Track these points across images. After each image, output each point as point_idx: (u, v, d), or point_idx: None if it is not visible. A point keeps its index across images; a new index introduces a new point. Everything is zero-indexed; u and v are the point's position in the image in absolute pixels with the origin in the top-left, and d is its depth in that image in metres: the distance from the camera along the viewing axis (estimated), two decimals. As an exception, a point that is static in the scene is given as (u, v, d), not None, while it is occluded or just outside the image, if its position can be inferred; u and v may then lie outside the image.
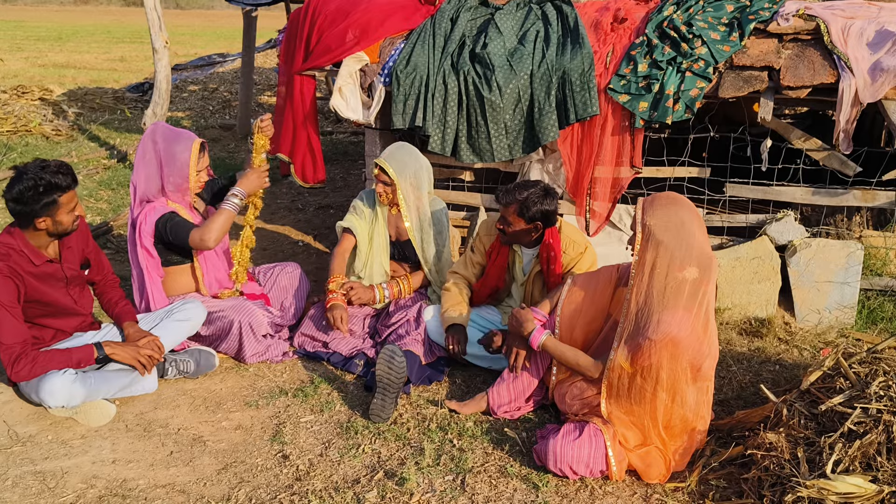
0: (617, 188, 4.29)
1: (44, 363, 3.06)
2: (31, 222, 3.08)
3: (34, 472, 2.80)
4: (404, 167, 3.77)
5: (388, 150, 3.85)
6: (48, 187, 3.02)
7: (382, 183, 3.78)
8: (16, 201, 3.03)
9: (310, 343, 3.81)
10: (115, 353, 3.19)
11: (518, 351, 3.17)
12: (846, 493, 2.35)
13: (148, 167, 3.58)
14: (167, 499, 2.67)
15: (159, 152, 3.56)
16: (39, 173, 3.01)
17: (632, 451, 2.79)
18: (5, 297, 3.01)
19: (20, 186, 3.01)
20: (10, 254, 3.07)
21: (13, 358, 3.01)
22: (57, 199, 3.05)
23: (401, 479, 2.77)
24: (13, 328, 3.03)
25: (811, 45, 3.99)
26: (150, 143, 3.60)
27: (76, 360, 3.12)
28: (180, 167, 3.57)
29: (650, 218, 2.72)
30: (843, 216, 4.30)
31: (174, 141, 3.59)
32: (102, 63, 16.89)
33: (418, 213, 3.84)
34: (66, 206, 3.10)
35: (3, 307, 3.01)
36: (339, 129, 9.68)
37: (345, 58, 4.47)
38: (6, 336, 3.01)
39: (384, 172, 3.75)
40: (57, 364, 3.08)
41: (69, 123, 8.88)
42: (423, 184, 3.83)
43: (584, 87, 4.10)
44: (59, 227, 3.13)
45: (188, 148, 3.58)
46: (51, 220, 3.09)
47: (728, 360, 3.74)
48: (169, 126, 3.70)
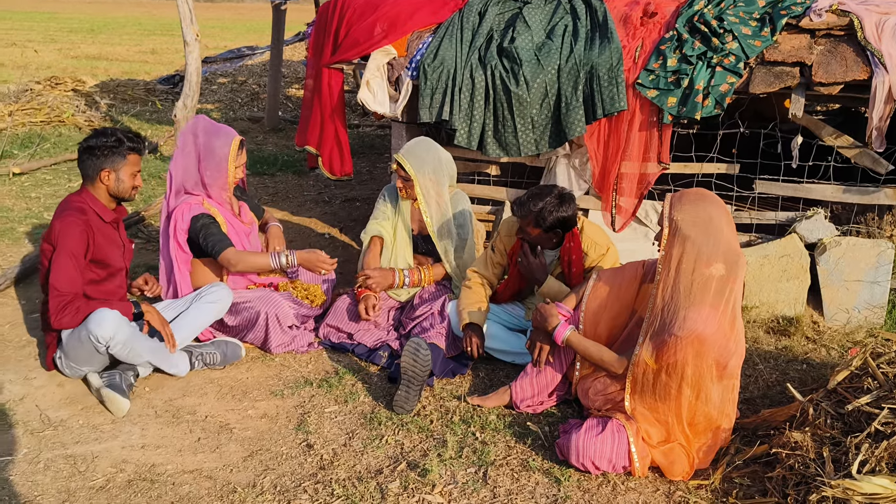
0: (644, 184, 4.26)
1: (86, 310, 3.16)
2: (96, 174, 3.29)
3: (65, 455, 2.87)
4: (423, 163, 3.78)
5: (407, 146, 3.86)
6: (120, 142, 3.29)
7: (401, 178, 3.80)
8: (89, 150, 3.28)
9: (335, 334, 3.84)
10: (149, 311, 3.30)
11: (542, 346, 3.17)
12: (871, 493, 2.32)
13: (186, 159, 3.65)
14: (194, 484, 2.72)
15: (199, 146, 3.64)
16: (115, 131, 3.33)
17: (655, 448, 2.79)
18: (74, 248, 3.18)
19: (95, 139, 3.29)
20: (85, 209, 3.28)
21: (61, 305, 3.13)
22: (126, 155, 3.31)
23: (423, 471, 2.79)
24: (70, 277, 3.17)
25: (844, 40, 3.93)
26: (190, 136, 3.68)
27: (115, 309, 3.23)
28: (218, 162, 3.63)
29: (678, 213, 2.71)
30: (874, 215, 4.24)
31: (214, 135, 3.66)
32: (134, 55, 17.11)
33: (438, 208, 3.84)
34: (131, 168, 3.34)
35: (70, 256, 3.17)
36: (365, 122, 9.72)
37: (373, 51, 4.49)
38: (62, 283, 3.15)
39: (402, 168, 3.77)
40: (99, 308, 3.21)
41: (101, 114, 9.02)
42: (442, 179, 3.83)
43: (612, 81, 4.08)
44: (121, 185, 3.34)
45: (227, 143, 3.65)
46: (115, 174, 3.31)
47: (755, 358, 3.71)
48: (211, 121, 3.78)
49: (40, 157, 7.05)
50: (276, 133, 8.85)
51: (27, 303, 4.12)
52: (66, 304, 3.13)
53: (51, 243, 3.21)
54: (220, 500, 2.64)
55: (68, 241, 3.17)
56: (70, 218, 3.21)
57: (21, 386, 3.32)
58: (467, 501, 2.66)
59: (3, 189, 6.01)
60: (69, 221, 3.20)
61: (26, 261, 4.46)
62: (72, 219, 3.20)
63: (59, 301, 3.13)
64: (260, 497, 2.65)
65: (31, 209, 5.59)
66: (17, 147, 7.27)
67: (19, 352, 3.60)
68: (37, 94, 8.97)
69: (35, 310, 4.00)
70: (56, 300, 3.13)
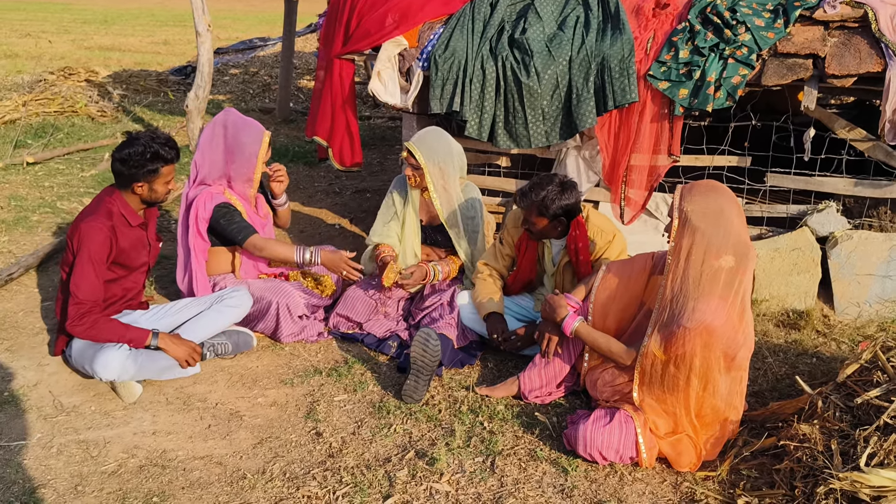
0: (654, 176, 4.25)
1: (101, 330, 3.18)
2: (129, 185, 3.28)
3: (78, 440, 2.90)
4: (433, 152, 3.78)
5: (418, 134, 3.87)
6: (154, 156, 3.24)
7: (411, 166, 3.81)
8: (123, 162, 3.24)
9: (344, 324, 3.86)
10: (166, 348, 3.24)
11: (550, 336, 3.18)
12: (880, 486, 2.32)
13: (214, 153, 3.67)
14: (205, 470, 2.75)
15: (228, 139, 3.66)
16: (150, 142, 3.24)
17: (662, 439, 2.79)
18: (98, 254, 3.19)
19: (130, 149, 3.22)
20: (113, 213, 3.28)
21: (80, 314, 3.15)
22: (159, 169, 3.28)
23: (431, 459, 2.81)
24: (92, 286, 3.19)
25: (858, 32, 3.90)
26: (220, 129, 3.69)
27: (129, 338, 3.21)
28: (248, 157, 3.66)
29: (688, 204, 2.71)
30: (887, 208, 4.21)
31: (244, 130, 3.68)
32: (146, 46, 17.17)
33: (448, 196, 3.85)
34: (165, 178, 3.32)
35: (92, 263, 3.18)
36: (376, 113, 9.73)
37: (384, 42, 4.49)
38: (83, 291, 3.16)
39: (412, 156, 3.78)
40: (112, 336, 3.19)
41: (114, 105, 9.06)
42: (452, 169, 3.83)
43: (623, 73, 4.07)
44: (154, 195, 3.34)
45: (258, 140, 3.67)
46: (148, 186, 3.30)
47: (764, 351, 3.71)
48: (240, 114, 3.79)
49: (53, 146, 7.10)
50: (288, 124, 8.87)
51: (41, 291, 4.16)
52: (83, 313, 3.15)
53: (76, 240, 3.21)
54: (230, 486, 2.66)
55: (92, 246, 3.18)
56: (96, 223, 3.20)
57: (34, 372, 3.35)
58: (475, 490, 2.67)
59: (17, 178, 6.06)
60: (94, 226, 3.19)
61: (40, 249, 4.50)
62: (97, 224, 3.20)
63: (77, 309, 3.15)
64: (269, 483, 2.68)
65: (45, 198, 5.63)
66: (31, 137, 7.33)
67: (33, 339, 3.64)
68: (50, 85, 9.02)
69: (49, 297, 4.04)
70: (75, 307, 3.15)
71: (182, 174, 6.41)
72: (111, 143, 7.33)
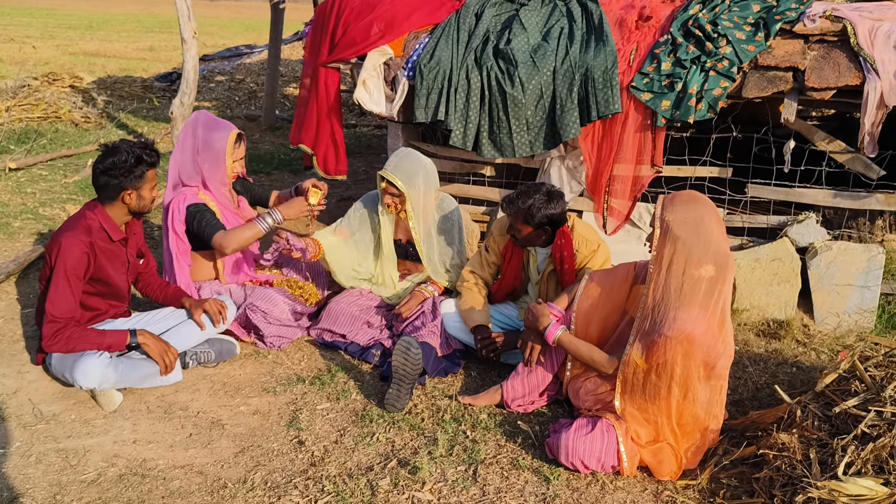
0: (637, 186, 4.29)
1: (77, 342, 3.15)
2: (117, 195, 3.24)
3: (57, 449, 2.88)
4: (413, 177, 3.72)
5: (393, 162, 3.75)
6: (138, 161, 3.21)
7: (390, 195, 3.74)
8: (107, 172, 3.19)
9: (328, 333, 3.85)
10: (146, 343, 3.24)
11: (533, 345, 3.19)
12: (857, 495, 2.34)
13: (184, 154, 3.68)
14: (185, 479, 2.74)
15: (197, 139, 3.66)
16: (131, 148, 3.22)
17: (644, 448, 2.81)
18: (73, 271, 3.15)
19: (113, 158, 3.18)
20: (92, 229, 3.23)
21: (54, 331, 3.12)
22: (145, 173, 3.25)
23: (414, 468, 2.81)
24: (66, 302, 3.15)
25: (837, 46, 3.96)
26: (190, 129, 3.70)
27: (108, 343, 3.19)
28: (215, 155, 3.65)
29: (669, 214, 2.73)
30: (866, 219, 4.27)
31: (213, 129, 3.69)
32: (132, 52, 17.09)
33: (426, 218, 3.82)
34: (150, 182, 3.30)
35: (68, 280, 3.14)
36: (362, 121, 9.74)
37: (370, 51, 4.51)
38: (57, 308, 3.13)
39: (392, 185, 3.70)
40: (89, 345, 3.16)
41: (98, 111, 9.02)
42: (430, 189, 3.81)
43: (606, 84, 4.10)
44: (142, 202, 3.31)
45: (224, 137, 3.66)
46: (136, 194, 3.26)
47: (744, 360, 3.74)
48: (211, 115, 3.79)
49: (36, 152, 7.05)
50: (273, 132, 8.86)
51: (22, 298, 4.12)
52: (58, 330, 3.11)
53: (54, 254, 3.16)
54: (210, 496, 2.65)
55: (69, 261, 3.13)
56: (73, 238, 3.15)
57: (14, 380, 3.32)
58: (457, 499, 2.67)
59: (-1, 184, 6.02)
60: (72, 242, 3.14)
61: (21, 256, 4.46)
62: (75, 240, 3.15)
63: (52, 327, 3.11)
64: (250, 493, 2.67)
65: (27, 204, 5.59)
66: (14, 142, 7.27)
67: (13, 346, 3.61)
68: (34, 90, 8.96)
69: (29, 304, 4.01)
70: (49, 325, 3.12)
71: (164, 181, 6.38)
72: (95, 149, 7.30)
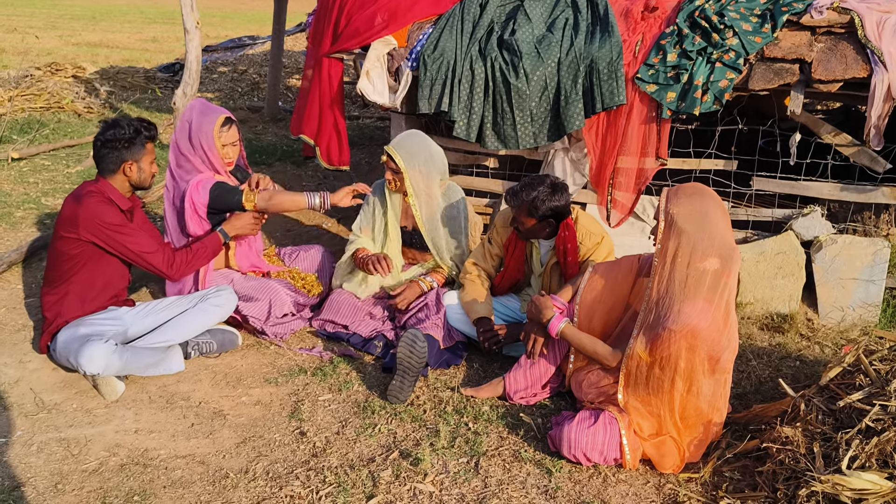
0: (641, 179, 4.26)
1: (195, 258, 3.43)
2: (118, 167, 3.32)
3: (59, 438, 2.87)
4: (413, 156, 3.73)
5: (398, 138, 3.83)
6: (137, 132, 3.30)
7: (391, 170, 3.76)
8: (108, 144, 3.28)
9: (330, 324, 3.84)
10: (237, 229, 3.62)
11: (536, 338, 3.17)
12: (861, 489, 2.33)
13: (181, 137, 3.70)
14: (187, 469, 2.73)
15: (192, 123, 3.68)
16: (130, 121, 3.32)
17: (646, 441, 2.80)
18: (120, 219, 3.27)
19: (113, 131, 3.28)
20: (104, 195, 3.30)
21: (167, 259, 3.34)
22: (145, 145, 3.34)
23: (415, 460, 2.80)
24: (144, 236, 3.32)
25: (844, 38, 3.93)
26: (187, 115, 3.72)
27: (212, 249, 3.54)
28: (206, 138, 3.66)
29: (674, 207, 2.72)
30: (871, 213, 4.24)
31: (204, 114, 3.71)
32: (135, 43, 17.05)
33: (428, 201, 3.81)
34: (150, 155, 3.39)
35: (125, 225, 3.27)
36: (365, 113, 9.70)
37: (373, 41, 4.48)
38: (145, 245, 3.31)
39: (392, 160, 3.73)
40: (205, 258, 3.51)
41: (101, 102, 9.00)
42: (432, 173, 3.79)
43: (611, 75, 4.08)
44: (142, 174, 3.38)
45: (212, 121, 3.67)
46: (137, 165, 3.34)
47: (748, 354, 3.72)
48: (206, 102, 3.81)
49: (39, 142, 7.04)
50: (276, 123, 8.83)
51: (24, 287, 4.12)
52: (168, 256, 3.35)
53: (87, 229, 3.20)
54: (212, 486, 2.65)
55: (110, 216, 3.24)
56: (94, 199, 3.23)
57: (16, 369, 3.32)
58: (459, 490, 2.67)
59: (2, 174, 6.00)
60: (95, 202, 3.22)
61: (23, 246, 4.46)
62: (96, 199, 3.23)
63: (160, 258, 3.33)
64: (252, 483, 2.66)
65: (29, 194, 5.58)
66: (17, 132, 7.26)
67: (15, 335, 3.61)
68: (37, 80, 8.94)
69: (32, 294, 4.00)
70: (157, 259, 3.31)
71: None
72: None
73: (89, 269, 3.31)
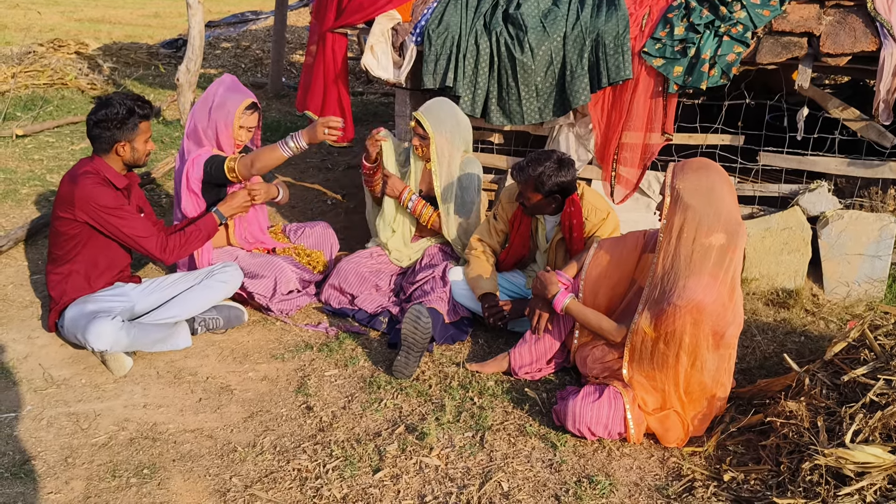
0: (647, 154, 4.23)
1: (189, 241, 3.41)
2: (111, 147, 3.29)
3: (68, 413, 2.90)
4: (441, 123, 3.79)
5: (427, 104, 3.88)
6: (130, 112, 3.25)
7: (418, 136, 3.82)
8: (100, 124, 3.24)
9: (337, 297, 3.86)
10: (231, 209, 3.58)
11: (541, 313, 3.18)
12: (864, 462, 2.35)
13: (205, 104, 3.70)
14: (195, 443, 2.76)
15: (217, 96, 3.69)
16: (123, 100, 3.27)
17: (650, 415, 2.81)
18: (115, 200, 3.24)
19: (106, 110, 3.24)
20: (99, 174, 3.28)
21: (160, 244, 3.31)
22: (138, 125, 3.29)
23: (421, 434, 2.83)
24: (138, 220, 3.30)
25: (853, 11, 3.88)
26: (214, 87, 3.74)
27: (206, 231, 3.49)
28: (226, 114, 3.66)
29: (680, 182, 2.71)
30: (878, 189, 4.22)
31: (232, 91, 3.71)
32: (137, 18, 16.93)
33: (449, 169, 3.86)
34: (144, 134, 3.34)
35: (121, 207, 3.25)
36: (369, 89, 9.65)
37: (377, 16, 4.44)
38: (140, 230, 3.28)
39: (420, 125, 3.78)
40: (198, 240, 3.46)
41: (104, 78, 8.96)
42: (457, 141, 3.85)
43: (617, 50, 4.04)
44: (136, 154, 3.34)
45: (239, 101, 3.67)
46: (130, 146, 3.30)
47: (753, 329, 3.73)
48: (237, 80, 3.81)
49: (43, 119, 7.02)
50: (280, 99, 8.79)
51: (31, 264, 4.14)
52: (162, 241, 3.31)
53: (82, 209, 3.19)
54: (220, 459, 2.68)
55: (106, 198, 3.21)
56: (89, 180, 3.21)
57: (24, 345, 3.35)
58: (464, 464, 2.69)
59: (6, 151, 6.00)
60: (91, 183, 3.20)
61: (30, 222, 4.47)
62: (91, 180, 3.21)
63: (154, 243, 3.30)
64: (260, 457, 2.69)
65: (34, 171, 5.59)
66: (20, 109, 7.24)
67: (23, 311, 3.63)
68: (40, 57, 8.90)
69: (38, 270, 4.02)
70: (151, 244, 3.29)
71: (174, 148, 6.36)
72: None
73: (91, 249, 3.32)
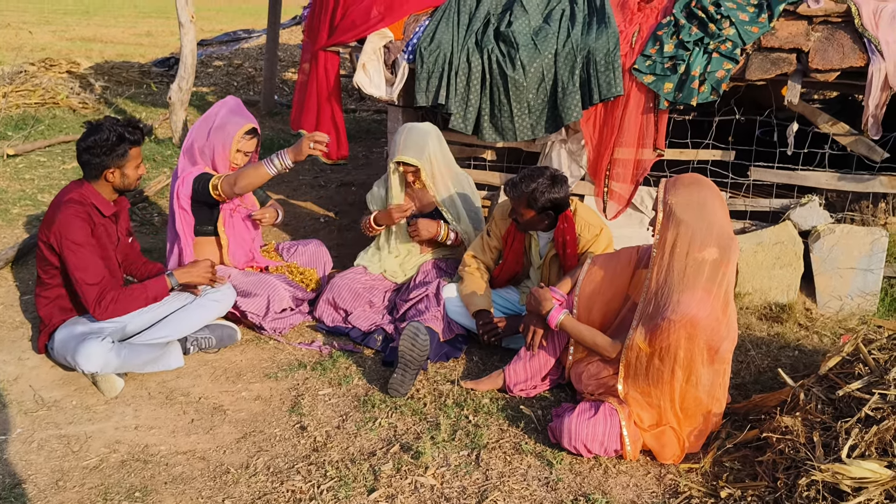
0: (639, 170, 4.25)
1: (126, 302, 3.23)
2: (100, 173, 3.25)
3: (59, 435, 2.87)
4: (420, 149, 3.80)
5: (399, 143, 3.84)
6: (120, 139, 3.20)
7: (409, 172, 3.86)
8: (89, 150, 3.20)
9: (331, 314, 3.85)
10: (187, 278, 3.41)
11: (535, 329, 3.18)
12: (861, 477, 2.34)
13: (205, 124, 3.71)
14: (188, 465, 2.73)
15: (218, 117, 3.69)
16: (113, 126, 3.21)
17: (647, 431, 2.80)
18: (83, 237, 3.16)
19: (95, 137, 3.19)
20: (84, 202, 3.24)
21: (98, 296, 3.17)
22: (127, 152, 3.24)
23: (416, 453, 2.81)
24: (94, 265, 3.19)
25: (841, 27, 3.92)
26: (217, 108, 3.75)
27: (153, 295, 3.30)
28: (225, 136, 3.67)
29: (672, 197, 2.71)
30: (869, 202, 4.24)
31: (234, 114, 3.72)
32: (129, 37, 16.97)
33: (443, 181, 3.92)
34: (134, 161, 3.29)
35: (83, 246, 3.16)
36: (362, 106, 9.68)
37: (369, 34, 4.46)
38: (90, 275, 3.16)
39: (407, 165, 3.82)
40: (139, 303, 3.26)
41: (96, 97, 8.96)
42: (438, 153, 3.88)
43: (608, 66, 4.07)
44: (126, 180, 3.30)
45: (238, 125, 3.69)
46: (119, 172, 3.26)
47: (747, 344, 3.73)
48: (241, 104, 3.82)
49: (34, 138, 7.00)
50: (272, 117, 8.81)
51: (21, 284, 4.11)
52: (100, 294, 3.16)
53: (55, 236, 3.16)
54: (213, 481, 2.65)
55: (76, 233, 3.15)
56: (70, 210, 3.17)
57: (15, 367, 3.32)
58: (460, 483, 2.67)
59: (-3, 170, 5.98)
60: (70, 214, 3.16)
61: (21, 242, 4.44)
62: (72, 211, 3.17)
63: (93, 292, 3.16)
64: (253, 478, 2.66)
65: (25, 191, 5.56)
66: (11, 129, 7.22)
67: (13, 333, 3.60)
68: (31, 76, 8.88)
69: (29, 291, 3.99)
70: (91, 292, 3.16)
71: (166, 166, 6.35)
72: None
73: None
